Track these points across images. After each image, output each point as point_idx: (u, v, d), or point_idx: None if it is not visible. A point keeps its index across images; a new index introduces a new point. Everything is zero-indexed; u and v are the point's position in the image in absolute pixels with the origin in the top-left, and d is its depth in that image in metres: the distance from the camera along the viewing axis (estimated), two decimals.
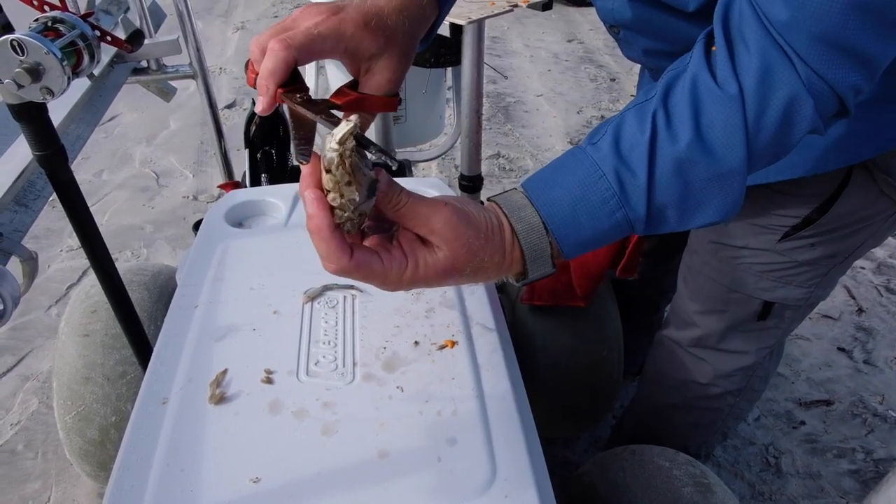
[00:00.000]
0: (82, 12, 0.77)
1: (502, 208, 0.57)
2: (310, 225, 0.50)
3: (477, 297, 0.84)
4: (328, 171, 0.48)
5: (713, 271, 0.96)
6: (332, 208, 0.49)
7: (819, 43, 0.49)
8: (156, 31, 1.35)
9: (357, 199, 0.48)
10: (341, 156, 0.46)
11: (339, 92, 0.58)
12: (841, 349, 1.86)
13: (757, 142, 0.52)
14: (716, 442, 1.29)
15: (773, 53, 0.50)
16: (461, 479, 0.61)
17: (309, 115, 0.52)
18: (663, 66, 0.81)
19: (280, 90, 0.52)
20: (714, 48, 0.53)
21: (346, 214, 0.50)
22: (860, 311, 1.99)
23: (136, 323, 0.95)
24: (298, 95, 0.53)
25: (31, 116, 0.68)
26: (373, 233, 0.55)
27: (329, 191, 0.49)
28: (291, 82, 0.53)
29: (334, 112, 0.52)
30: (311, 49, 0.53)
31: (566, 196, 0.55)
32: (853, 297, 2.04)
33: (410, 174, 1.85)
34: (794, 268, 0.89)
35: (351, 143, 0.46)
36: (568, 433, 1.55)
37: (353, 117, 0.46)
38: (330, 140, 0.46)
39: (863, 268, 2.17)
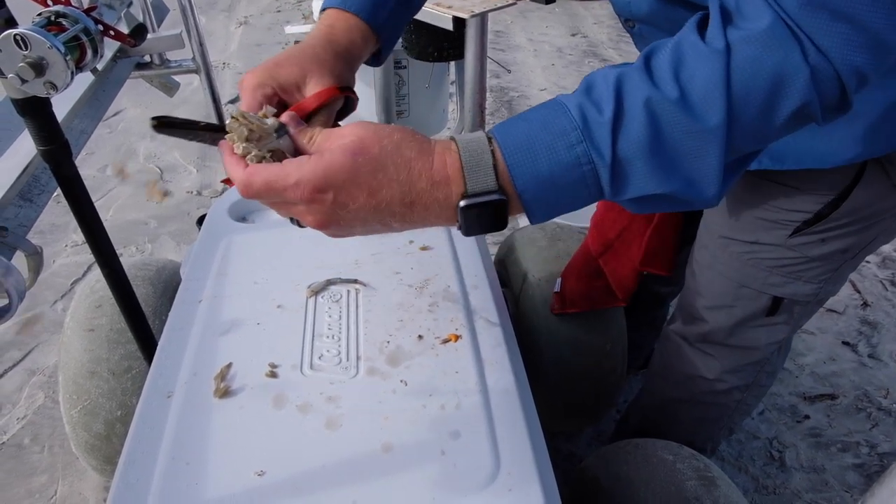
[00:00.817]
0: (85, 7, 0.77)
1: (454, 138, 0.54)
2: (224, 163, 0.55)
3: (480, 292, 0.84)
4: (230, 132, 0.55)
5: (723, 266, 0.96)
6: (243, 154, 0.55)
7: (822, 11, 0.45)
8: (159, 26, 1.35)
9: (259, 137, 0.54)
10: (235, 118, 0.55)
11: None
12: (846, 343, 1.85)
13: (741, 105, 0.48)
14: (722, 437, 1.29)
15: (770, 19, 0.47)
16: (465, 472, 0.61)
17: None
18: None
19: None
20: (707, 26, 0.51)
21: (252, 153, 0.54)
22: (865, 305, 1.99)
23: (140, 318, 0.95)
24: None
25: (35, 111, 0.68)
26: None
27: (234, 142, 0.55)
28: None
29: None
30: (256, 107, 0.60)
31: (524, 127, 0.51)
32: (858, 291, 2.03)
33: None
34: (804, 263, 0.88)
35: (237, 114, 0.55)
36: (571, 427, 1.55)
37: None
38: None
39: (868, 262, 2.16)
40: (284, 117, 0.56)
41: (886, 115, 0.70)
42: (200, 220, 1.66)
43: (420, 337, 0.76)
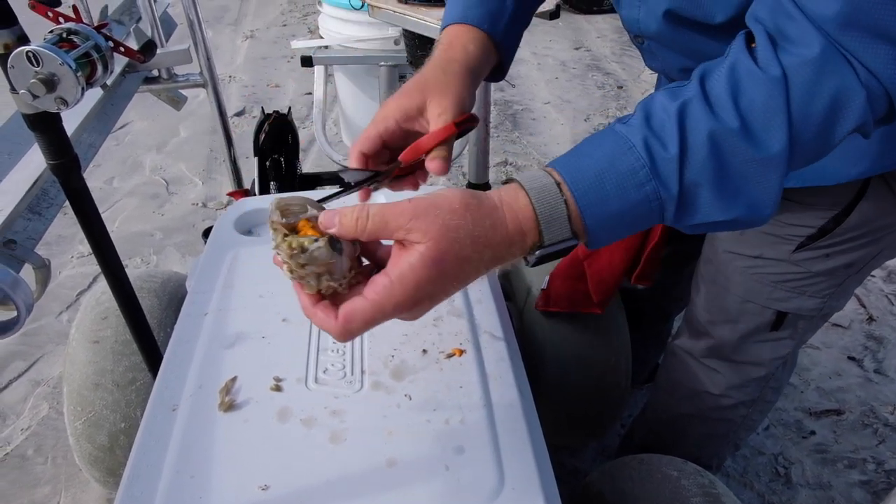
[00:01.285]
0: (96, 24, 0.78)
1: (515, 179, 0.53)
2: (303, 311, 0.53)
3: (484, 306, 0.84)
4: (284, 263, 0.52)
5: (727, 281, 0.96)
6: (316, 290, 0.52)
7: (871, 37, 0.46)
8: (167, 40, 1.37)
9: (318, 267, 0.50)
10: (278, 246, 0.51)
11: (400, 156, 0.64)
12: (851, 358, 1.84)
13: (801, 131, 0.49)
14: (727, 453, 1.28)
15: (821, 44, 0.47)
16: (469, 487, 0.61)
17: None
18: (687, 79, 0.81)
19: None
20: (754, 45, 0.51)
21: (325, 285, 0.52)
22: (870, 319, 1.98)
23: (145, 329, 0.95)
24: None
25: (46, 126, 0.69)
26: None
27: (294, 279, 0.52)
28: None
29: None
30: (373, 137, 0.64)
31: (592, 165, 0.51)
32: (863, 306, 2.03)
33: None
34: (808, 278, 0.88)
35: (276, 210, 0.52)
36: (575, 442, 1.54)
37: (272, 206, 0.53)
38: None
39: (873, 276, 2.15)
40: (321, 220, 0.52)
41: (891, 133, 0.70)
42: (206, 233, 1.67)
43: (424, 351, 0.76)
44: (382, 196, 0.94)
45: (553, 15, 1.41)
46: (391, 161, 0.65)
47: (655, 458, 0.97)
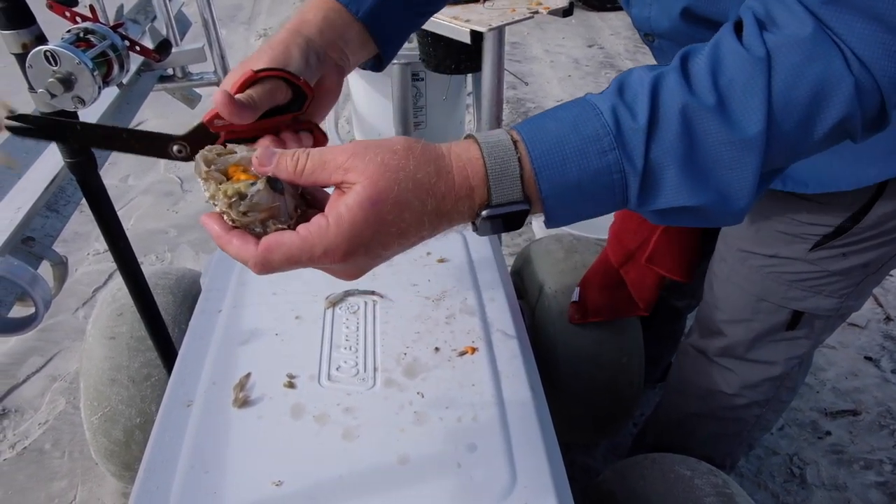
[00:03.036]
0: (112, 23, 0.79)
1: (472, 135, 0.50)
2: (215, 241, 0.49)
3: (497, 304, 0.84)
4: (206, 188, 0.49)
5: (742, 279, 0.95)
6: (233, 221, 0.48)
7: (859, 16, 0.44)
8: (181, 39, 1.37)
9: (262, 213, 0.48)
10: (199, 173, 0.49)
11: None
12: (868, 358, 1.82)
13: (781, 117, 0.46)
14: (741, 453, 1.27)
15: (812, 27, 0.45)
16: (481, 485, 0.61)
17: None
18: None
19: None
20: (743, 31, 0.49)
21: (273, 229, 0.48)
22: (888, 319, 1.95)
23: (160, 326, 0.96)
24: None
25: None
26: None
27: (215, 203, 0.49)
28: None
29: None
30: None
31: (554, 128, 0.48)
32: (881, 305, 2.00)
33: None
34: (825, 277, 0.87)
35: (201, 162, 0.49)
36: (588, 440, 1.54)
37: (197, 158, 0.50)
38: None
39: (892, 276, 2.13)
40: (255, 158, 0.49)
41: None
42: None
43: (437, 349, 0.76)
44: None
45: (566, 12, 1.40)
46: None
47: (668, 457, 0.97)
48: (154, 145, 0.55)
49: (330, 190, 0.49)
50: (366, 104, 2.05)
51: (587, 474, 1.50)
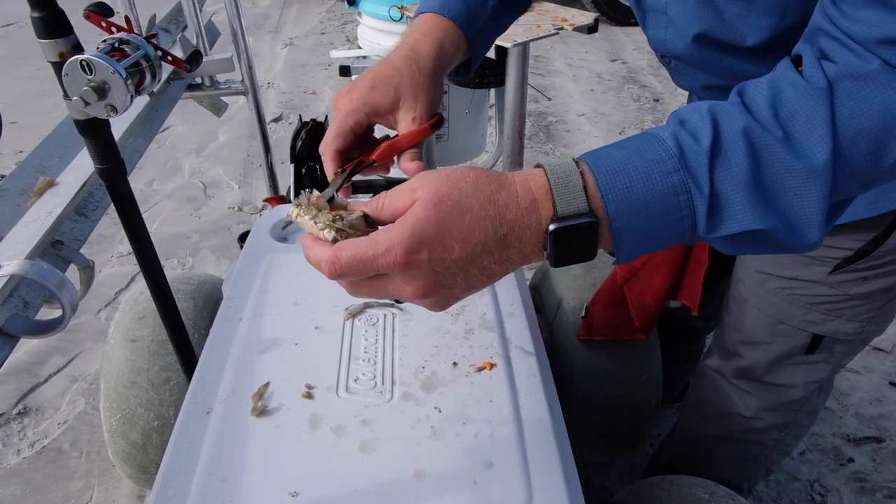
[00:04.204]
0: (145, 33, 0.80)
1: (537, 165, 0.51)
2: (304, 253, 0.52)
3: (516, 320, 0.84)
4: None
5: (760, 301, 0.94)
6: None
7: None
8: (210, 49, 1.40)
9: (358, 233, 0.52)
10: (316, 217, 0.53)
11: (371, 148, 0.66)
12: (893, 384, 1.79)
13: (848, 146, 0.46)
14: (759, 477, 1.25)
15: (876, 63, 0.45)
16: (497, 502, 0.61)
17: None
18: (716, 98, 0.80)
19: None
20: (801, 67, 0.49)
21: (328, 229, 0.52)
22: None
23: (181, 330, 0.97)
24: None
25: (95, 132, 0.71)
26: None
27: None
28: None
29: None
30: (346, 133, 0.65)
31: (616, 154, 0.49)
32: None
33: None
34: (845, 301, 0.86)
35: (297, 212, 0.54)
36: (604, 459, 1.52)
37: (301, 196, 0.55)
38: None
39: None
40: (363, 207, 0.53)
41: None
42: (242, 237, 1.70)
43: (455, 364, 0.76)
44: None
45: (591, 29, 1.41)
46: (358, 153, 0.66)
47: (686, 479, 0.95)
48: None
49: None
50: None
51: (603, 494, 1.48)
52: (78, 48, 0.65)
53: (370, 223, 0.51)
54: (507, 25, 0.83)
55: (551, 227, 0.47)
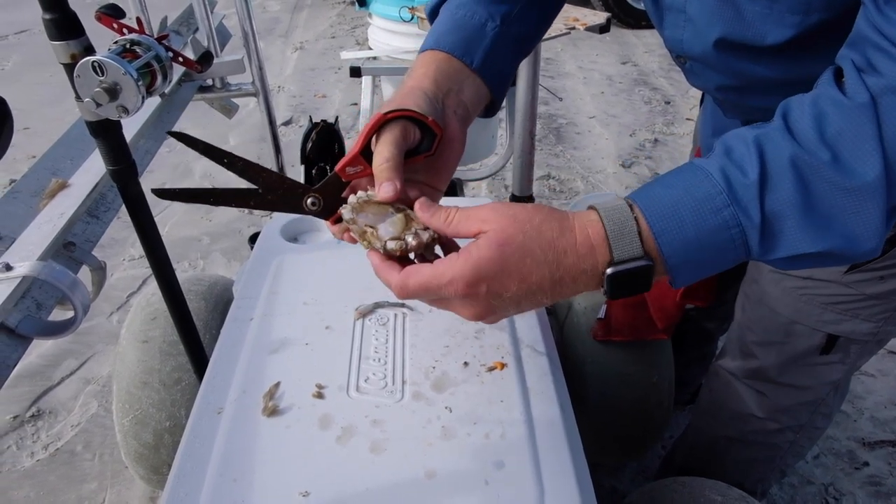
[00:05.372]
0: (157, 34, 0.81)
1: (592, 206, 0.54)
2: (374, 270, 0.58)
3: (527, 320, 0.83)
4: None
5: (774, 301, 0.93)
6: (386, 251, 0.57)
7: None
8: (221, 51, 1.41)
9: (409, 241, 0.57)
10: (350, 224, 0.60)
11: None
12: None
13: None
14: (773, 480, 1.23)
15: None
16: (508, 503, 0.60)
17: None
18: (731, 99, 0.78)
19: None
20: (843, 79, 0.49)
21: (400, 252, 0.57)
22: None
23: (193, 331, 0.98)
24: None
25: (107, 133, 0.71)
26: None
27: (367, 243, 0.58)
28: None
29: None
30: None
31: (666, 193, 0.51)
32: None
33: (462, 194, 1.86)
34: (861, 301, 0.85)
35: (351, 216, 0.59)
36: (615, 460, 1.51)
37: (347, 209, 0.60)
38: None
39: None
40: (418, 206, 0.57)
41: None
42: (252, 238, 1.70)
43: (466, 364, 0.76)
44: None
45: (603, 29, 1.40)
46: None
47: (698, 481, 0.94)
48: (289, 200, 0.62)
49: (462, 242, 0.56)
50: None
51: (613, 496, 1.47)
52: (90, 50, 0.65)
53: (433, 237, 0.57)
54: (522, 52, 0.80)
55: (609, 270, 0.51)
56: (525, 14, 0.76)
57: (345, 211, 0.60)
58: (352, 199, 0.60)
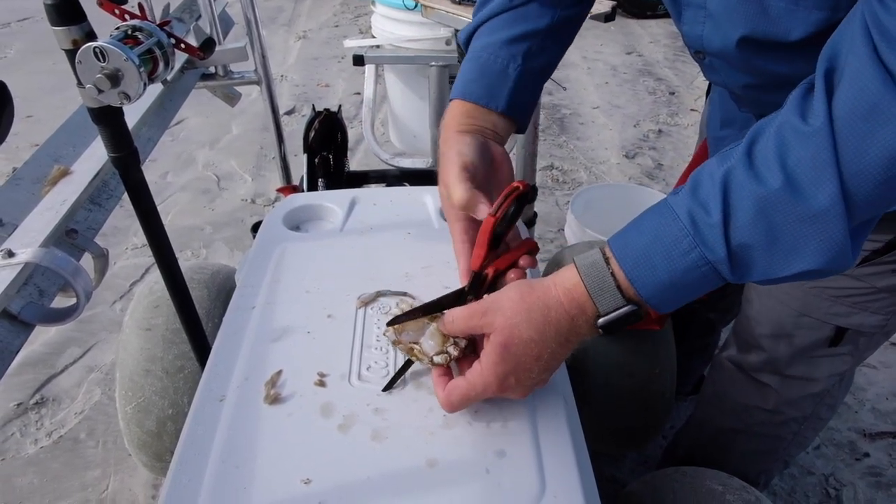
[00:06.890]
0: (159, 21, 0.80)
1: (573, 260, 0.60)
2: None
3: None
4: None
5: (783, 294, 0.93)
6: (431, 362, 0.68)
7: None
8: (224, 38, 1.40)
9: (452, 352, 0.68)
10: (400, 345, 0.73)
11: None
12: None
13: (856, 182, 0.47)
14: (777, 470, 1.24)
15: (879, 83, 0.44)
16: (509, 492, 0.60)
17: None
18: (749, 96, 0.77)
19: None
20: (813, 92, 0.49)
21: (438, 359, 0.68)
22: None
23: (195, 319, 0.98)
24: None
25: (109, 120, 0.71)
26: None
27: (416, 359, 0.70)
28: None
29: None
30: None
31: (639, 239, 0.55)
32: None
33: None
34: (871, 294, 0.85)
35: (395, 338, 0.73)
36: (617, 450, 1.52)
37: (390, 332, 0.73)
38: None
39: None
40: (442, 327, 0.69)
41: None
42: (255, 227, 1.70)
43: None
44: None
45: (608, 17, 1.39)
46: None
47: (700, 471, 0.95)
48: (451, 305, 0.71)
49: None
50: (402, 106, 2.06)
51: (614, 485, 1.48)
52: (91, 35, 0.65)
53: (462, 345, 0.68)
54: (545, 78, 0.84)
55: (599, 321, 0.58)
56: (545, 45, 0.80)
57: (388, 335, 0.72)
58: (388, 332, 0.73)
